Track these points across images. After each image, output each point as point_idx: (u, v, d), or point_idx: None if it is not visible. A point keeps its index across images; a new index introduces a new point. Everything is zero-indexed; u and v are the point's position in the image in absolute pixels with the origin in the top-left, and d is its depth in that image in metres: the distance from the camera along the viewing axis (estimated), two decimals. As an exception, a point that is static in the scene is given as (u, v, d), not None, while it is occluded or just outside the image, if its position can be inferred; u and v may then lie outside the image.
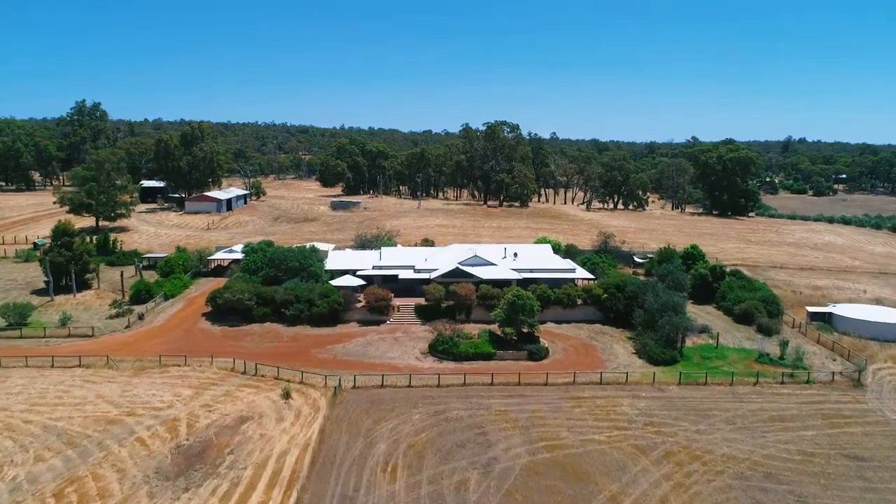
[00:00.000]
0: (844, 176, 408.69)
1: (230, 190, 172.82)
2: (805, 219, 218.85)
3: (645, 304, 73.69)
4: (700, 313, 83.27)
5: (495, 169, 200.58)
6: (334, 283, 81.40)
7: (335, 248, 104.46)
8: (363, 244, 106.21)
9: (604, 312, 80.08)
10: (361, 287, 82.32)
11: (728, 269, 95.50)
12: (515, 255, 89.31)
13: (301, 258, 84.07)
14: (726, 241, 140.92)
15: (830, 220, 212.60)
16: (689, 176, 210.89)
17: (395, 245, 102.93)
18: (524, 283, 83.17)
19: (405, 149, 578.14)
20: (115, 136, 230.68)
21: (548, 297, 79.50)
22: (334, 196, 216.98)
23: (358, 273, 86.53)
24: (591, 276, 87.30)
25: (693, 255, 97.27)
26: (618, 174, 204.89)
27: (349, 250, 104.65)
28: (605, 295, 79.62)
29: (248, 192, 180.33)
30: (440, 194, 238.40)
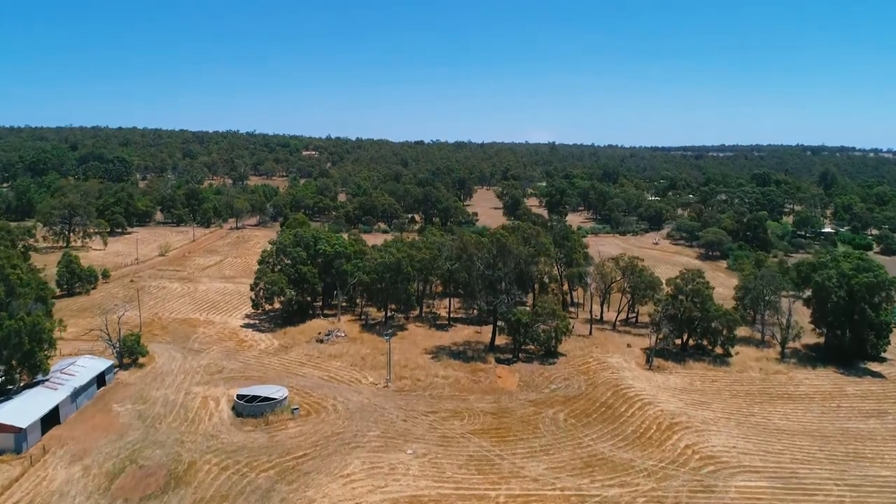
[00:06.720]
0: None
1: (68, 373, 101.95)
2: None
3: None
4: None
5: (507, 303, 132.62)
6: None
7: None
8: None
9: None
10: None
11: None
12: None
13: None
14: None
15: None
16: (795, 300, 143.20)
17: None
18: None
19: (390, 171, 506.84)
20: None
21: None
22: (272, 318, 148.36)
23: None
24: None
25: None
26: (689, 302, 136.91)
27: None
28: None
29: (109, 364, 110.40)
30: (429, 306, 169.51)
